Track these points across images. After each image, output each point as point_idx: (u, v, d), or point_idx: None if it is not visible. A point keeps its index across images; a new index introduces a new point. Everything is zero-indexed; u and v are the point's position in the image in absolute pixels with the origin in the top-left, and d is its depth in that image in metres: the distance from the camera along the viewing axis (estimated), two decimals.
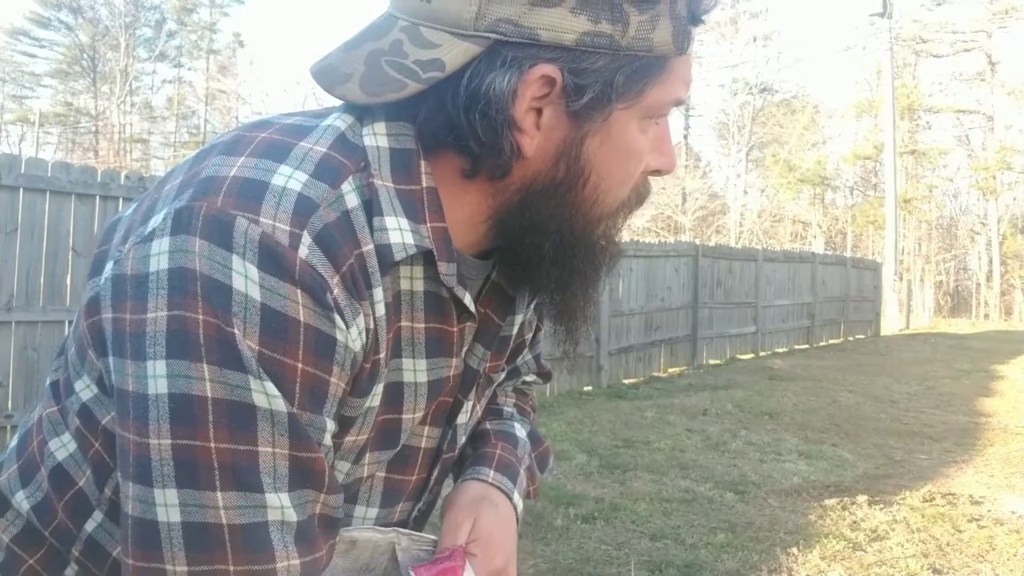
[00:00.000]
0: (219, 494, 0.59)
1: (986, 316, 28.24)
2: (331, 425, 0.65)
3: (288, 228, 0.61)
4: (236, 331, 0.58)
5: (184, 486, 0.58)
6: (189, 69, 39.03)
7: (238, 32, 41.95)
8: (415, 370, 0.74)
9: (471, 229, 0.74)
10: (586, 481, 4.93)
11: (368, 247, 0.66)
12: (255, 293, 0.59)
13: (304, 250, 0.61)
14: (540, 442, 1.03)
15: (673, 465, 5.36)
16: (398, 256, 0.67)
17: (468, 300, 0.74)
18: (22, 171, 4.53)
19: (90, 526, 0.72)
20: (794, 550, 3.80)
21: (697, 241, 13.50)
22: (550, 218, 0.71)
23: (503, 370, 0.92)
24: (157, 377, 0.58)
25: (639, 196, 0.78)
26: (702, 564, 3.60)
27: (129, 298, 0.60)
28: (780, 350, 13.33)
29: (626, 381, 9.29)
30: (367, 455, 0.75)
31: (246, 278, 0.59)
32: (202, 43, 38.11)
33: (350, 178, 0.66)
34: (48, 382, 0.78)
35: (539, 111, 0.68)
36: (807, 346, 14.18)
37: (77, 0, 34.69)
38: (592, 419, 6.82)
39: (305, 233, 0.61)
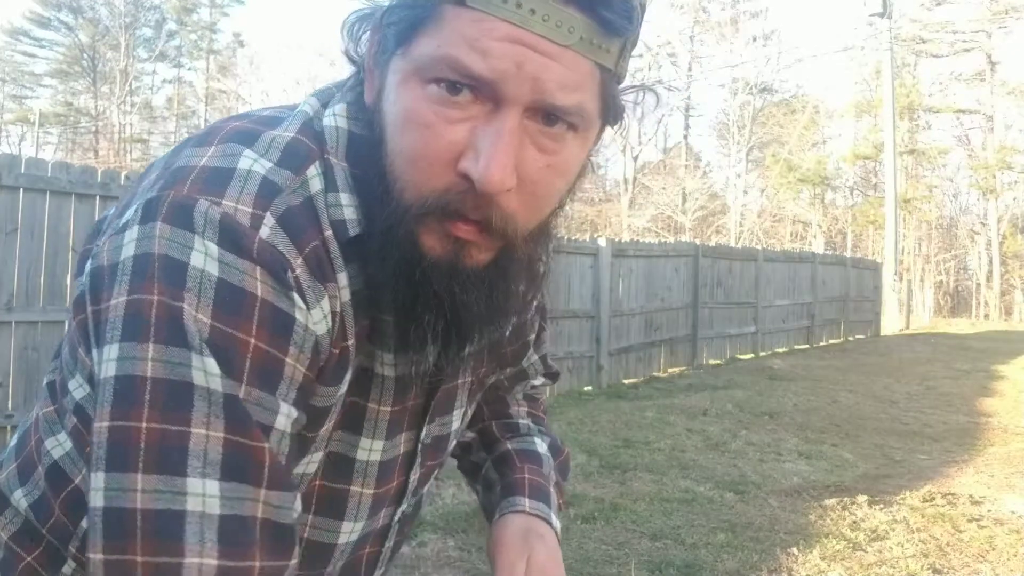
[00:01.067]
0: (140, 476, 0.55)
1: (986, 316, 28.24)
2: (288, 410, 0.62)
3: (251, 210, 0.61)
4: (187, 306, 0.58)
5: (111, 469, 0.56)
6: (189, 69, 39.09)
7: (238, 32, 41.98)
8: (383, 363, 0.73)
9: None
10: (586, 481, 4.93)
11: (328, 232, 0.65)
12: (212, 268, 0.59)
13: (266, 230, 0.60)
14: (560, 451, 1.02)
15: (673, 465, 5.36)
16: (352, 231, 0.66)
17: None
18: (22, 171, 4.53)
19: (87, 523, 0.72)
20: (794, 550, 3.80)
21: (697, 241, 13.52)
22: (373, 179, 0.65)
23: (497, 374, 0.92)
24: (109, 361, 0.58)
25: (451, 205, 0.62)
26: (702, 564, 3.60)
27: (104, 288, 0.61)
28: (780, 350, 13.33)
29: (626, 381, 9.29)
30: (331, 434, 0.73)
31: (205, 255, 0.59)
32: (202, 43, 38.12)
33: (316, 163, 0.66)
34: (45, 382, 0.79)
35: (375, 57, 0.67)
36: (807, 346, 14.18)
37: (77, 0, 34.69)
38: (592, 419, 6.82)
39: (268, 215, 0.61)
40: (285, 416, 0.62)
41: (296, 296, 0.61)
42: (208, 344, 0.58)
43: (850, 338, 15.94)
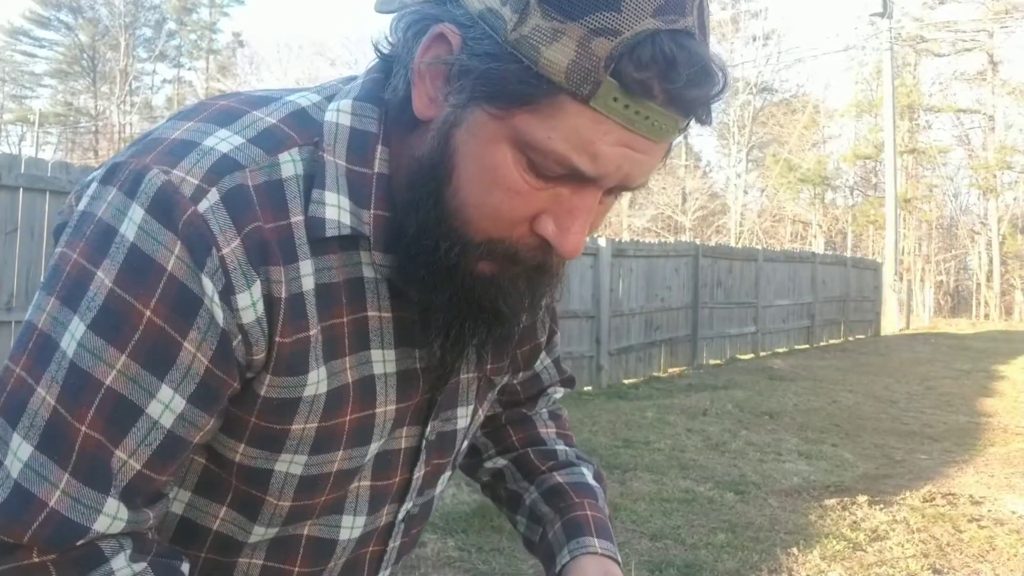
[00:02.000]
0: None
1: (986, 316, 28.23)
2: (175, 402, 0.61)
3: (196, 182, 0.60)
4: (100, 272, 0.59)
5: None
6: (189, 69, 39.08)
7: (238, 32, 41.94)
8: (384, 360, 0.72)
9: None
10: None
11: (298, 218, 0.64)
12: (131, 233, 0.59)
13: (205, 204, 0.60)
14: (602, 478, 1.00)
15: (673, 465, 5.36)
16: (329, 232, 0.65)
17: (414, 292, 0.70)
18: (22, 171, 4.53)
19: None
20: (794, 550, 3.80)
21: (697, 241, 13.51)
22: (423, 199, 0.65)
23: (509, 377, 0.91)
24: (32, 304, 0.63)
25: (520, 256, 0.65)
26: (702, 564, 3.60)
27: (56, 236, 0.66)
28: (780, 350, 13.33)
29: (626, 381, 9.29)
30: (339, 452, 0.72)
31: (131, 221, 0.60)
32: (202, 43, 38.13)
33: (294, 150, 0.66)
34: None
35: (436, 75, 0.64)
36: (807, 346, 14.18)
37: (77, 0, 34.69)
38: (592, 419, 6.81)
39: (213, 190, 0.61)
40: (164, 406, 0.61)
41: (207, 281, 0.60)
42: (103, 309, 0.59)
43: (850, 338, 15.94)
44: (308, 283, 0.65)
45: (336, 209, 0.66)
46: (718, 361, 11.64)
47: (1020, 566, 3.66)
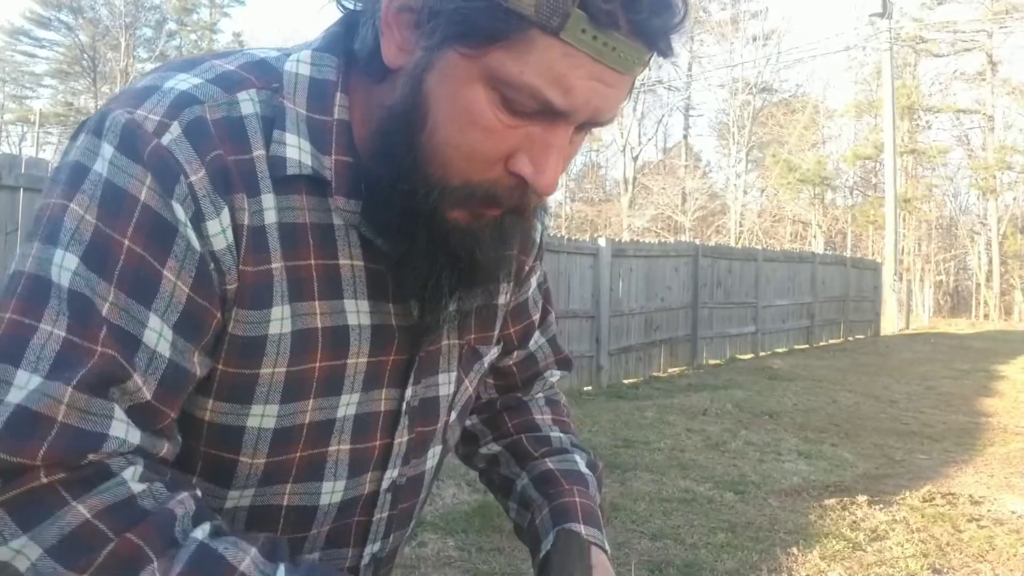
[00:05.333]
0: None
1: (986, 316, 28.24)
2: (165, 331, 0.62)
3: (159, 118, 0.63)
4: (75, 206, 0.62)
5: None
6: None
7: (238, 32, 41.84)
8: (358, 311, 0.73)
9: None
10: None
11: (259, 152, 0.67)
12: (103, 169, 0.62)
13: (168, 137, 0.63)
14: (596, 466, 0.99)
15: (673, 465, 5.36)
16: (291, 170, 0.67)
17: (382, 241, 0.71)
18: (22, 171, 4.53)
19: None
20: (794, 550, 3.80)
21: (697, 241, 13.52)
22: (397, 146, 0.66)
23: (498, 346, 0.90)
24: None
25: (498, 197, 0.67)
26: (702, 564, 3.60)
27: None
28: (780, 350, 13.33)
29: (626, 381, 9.29)
30: (309, 401, 0.72)
31: (101, 158, 0.62)
32: (202, 43, 38.11)
33: (252, 91, 0.68)
34: None
35: (405, 23, 0.65)
36: (807, 346, 14.18)
37: (77, 0, 34.69)
38: (592, 419, 6.81)
39: (175, 123, 0.63)
40: (158, 334, 0.62)
41: (178, 208, 0.62)
42: (86, 243, 0.61)
43: (850, 338, 15.94)
44: (270, 217, 0.67)
45: (297, 150, 0.68)
46: (718, 361, 11.64)
47: (1020, 566, 3.66)
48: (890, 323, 18.35)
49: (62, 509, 0.58)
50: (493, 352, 0.89)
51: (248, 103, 0.67)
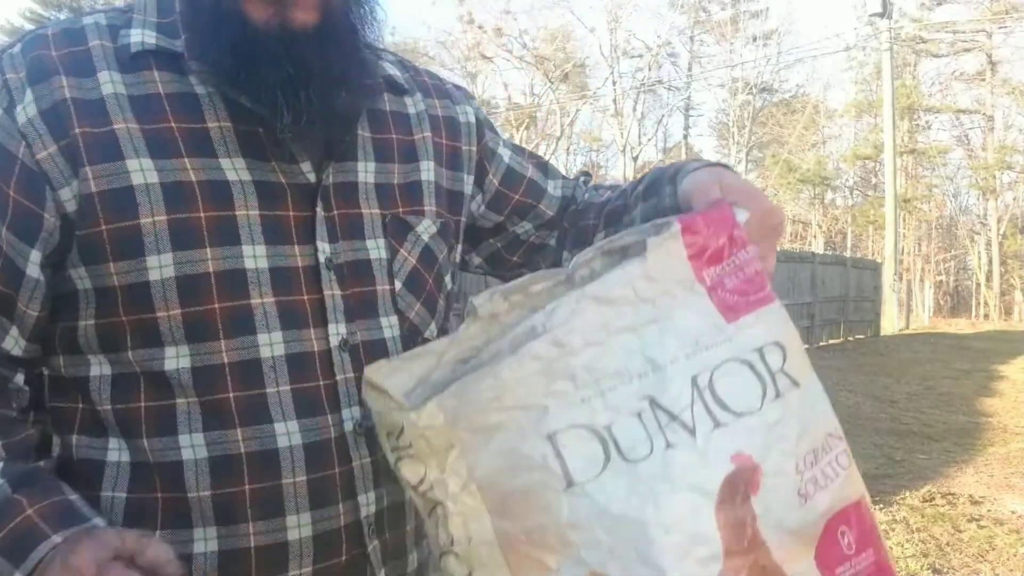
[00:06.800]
0: None
1: (986, 316, 28.24)
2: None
3: (11, 40, 0.79)
4: None
5: None
6: None
7: None
8: (235, 168, 0.78)
9: None
10: None
11: (95, 43, 0.78)
12: None
13: (7, 54, 0.77)
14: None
15: None
16: (134, 49, 0.78)
17: (246, 100, 0.77)
18: None
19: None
20: None
21: None
22: None
23: (439, 222, 0.91)
24: None
25: None
26: None
27: None
28: None
29: None
30: (207, 250, 0.76)
31: None
32: None
33: (100, 15, 0.81)
34: None
35: None
36: (807, 346, 14.01)
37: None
38: None
39: (19, 43, 0.78)
40: None
41: None
42: None
43: (850, 338, 15.93)
44: (107, 89, 0.77)
45: (140, 34, 0.79)
46: None
47: (1020, 566, 3.66)
48: (890, 323, 18.35)
49: None
50: (426, 225, 0.90)
51: (91, 19, 0.80)
